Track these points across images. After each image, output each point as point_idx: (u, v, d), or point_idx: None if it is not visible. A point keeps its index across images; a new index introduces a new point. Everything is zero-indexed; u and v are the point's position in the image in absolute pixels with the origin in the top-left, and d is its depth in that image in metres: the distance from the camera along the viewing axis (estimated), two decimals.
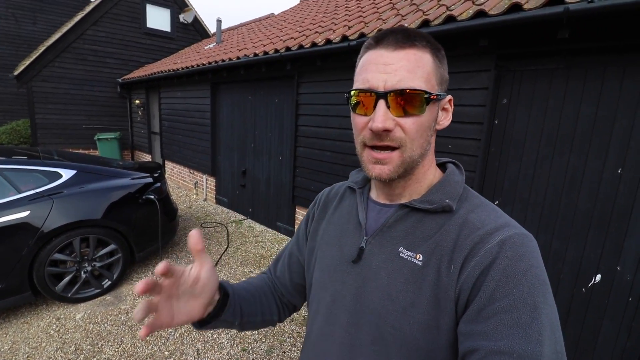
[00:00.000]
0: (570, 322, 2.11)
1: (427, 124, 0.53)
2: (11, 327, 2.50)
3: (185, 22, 9.58)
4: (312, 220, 0.76)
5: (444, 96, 0.56)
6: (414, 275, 0.53)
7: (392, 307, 0.53)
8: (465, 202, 0.57)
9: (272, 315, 0.77)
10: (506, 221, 0.52)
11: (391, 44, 0.51)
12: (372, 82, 0.51)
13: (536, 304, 0.44)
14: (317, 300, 0.67)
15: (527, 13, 1.90)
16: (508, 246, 0.47)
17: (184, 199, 6.10)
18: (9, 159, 2.71)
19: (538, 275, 0.46)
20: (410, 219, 0.57)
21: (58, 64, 7.88)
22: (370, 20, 3.24)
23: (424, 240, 0.54)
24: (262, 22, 7.89)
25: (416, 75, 0.50)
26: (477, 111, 2.38)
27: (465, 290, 0.48)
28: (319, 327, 0.65)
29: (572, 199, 2.07)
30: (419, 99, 0.50)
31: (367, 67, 0.53)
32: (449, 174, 0.61)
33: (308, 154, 3.86)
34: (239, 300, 0.68)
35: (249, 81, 4.78)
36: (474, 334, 0.45)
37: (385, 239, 0.58)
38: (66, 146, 8.03)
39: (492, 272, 0.46)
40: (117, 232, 2.93)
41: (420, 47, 0.52)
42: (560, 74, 2.06)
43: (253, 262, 3.66)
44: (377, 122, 0.50)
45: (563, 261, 2.13)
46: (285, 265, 0.80)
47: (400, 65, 0.50)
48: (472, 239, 0.50)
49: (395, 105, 0.50)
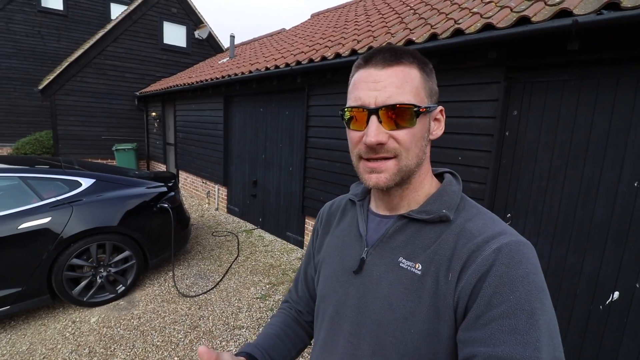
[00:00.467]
0: (587, 341, 2.04)
1: (419, 135, 0.56)
2: (29, 328, 2.57)
3: (200, 38, 9.93)
4: (317, 236, 0.78)
5: (435, 107, 0.58)
6: (413, 284, 0.54)
7: (392, 316, 0.54)
8: (463, 211, 0.58)
9: (303, 341, 0.81)
10: (503, 229, 0.53)
11: (379, 62, 0.54)
12: (363, 99, 0.54)
13: (533, 310, 0.44)
14: (322, 311, 0.68)
15: (535, 26, 1.92)
16: (504, 253, 0.48)
17: (196, 208, 6.21)
18: (33, 167, 2.83)
19: (535, 282, 0.46)
20: (409, 229, 0.58)
21: (80, 78, 8.24)
22: (379, 35, 3.31)
23: (423, 249, 0.55)
24: (274, 37, 8.11)
25: (405, 90, 0.53)
26: (488, 123, 2.39)
27: (463, 298, 0.49)
28: (323, 338, 0.66)
29: (588, 211, 2.03)
30: (409, 113, 0.53)
31: (358, 85, 0.56)
32: (446, 184, 0.62)
33: (318, 165, 3.90)
34: (268, 354, 0.71)
35: (260, 94, 4.90)
36: (472, 340, 0.46)
37: (385, 250, 0.59)
38: (86, 156, 8.32)
39: (489, 279, 0.47)
40: (132, 239, 3.01)
41: (407, 63, 0.54)
42: (572, 85, 2.06)
43: (262, 272, 3.67)
44: (370, 137, 0.53)
45: (579, 276, 2.08)
46: (303, 285, 0.83)
47: (389, 82, 0.53)
48: (469, 247, 0.51)
49: (386, 119, 0.53)
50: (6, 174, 2.64)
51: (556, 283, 2.17)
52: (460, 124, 2.53)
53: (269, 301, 3.10)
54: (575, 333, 2.09)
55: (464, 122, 2.51)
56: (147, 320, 2.71)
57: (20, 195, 2.59)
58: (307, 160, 4.06)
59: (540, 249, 2.23)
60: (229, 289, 3.27)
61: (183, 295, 3.11)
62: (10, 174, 2.64)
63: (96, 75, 8.41)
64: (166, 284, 3.31)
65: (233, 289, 3.28)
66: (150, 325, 2.65)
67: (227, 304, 3.01)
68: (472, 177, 2.49)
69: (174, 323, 2.70)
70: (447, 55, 2.53)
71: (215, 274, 3.57)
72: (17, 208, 2.51)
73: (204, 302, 3.03)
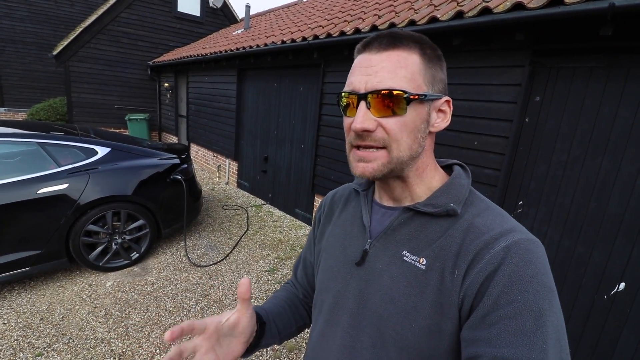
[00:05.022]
0: (588, 328, 2.07)
1: (412, 125, 0.52)
2: (48, 289, 2.71)
3: (215, 7, 9.66)
4: (319, 224, 0.77)
5: (437, 97, 0.55)
6: (416, 279, 0.53)
7: (394, 310, 0.53)
8: (471, 206, 0.56)
9: (303, 320, 0.82)
10: (512, 226, 0.51)
11: (375, 47, 0.53)
12: (355, 84, 0.53)
13: (542, 311, 0.43)
14: (320, 301, 0.67)
15: (569, 7, 1.82)
16: (514, 252, 0.47)
17: (207, 181, 6.29)
18: (50, 134, 2.88)
19: (544, 282, 0.45)
20: (415, 222, 0.57)
21: (93, 45, 8.18)
22: (401, 10, 3.18)
23: (428, 244, 0.54)
24: (291, 8, 7.85)
25: (397, 75, 0.51)
26: (508, 108, 2.32)
27: (469, 295, 0.47)
28: (320, 329, 0.65)
29: (602, 203, 2.00)
30: (399, 99, 0.50)
31: (354, 70, 0.55)
32: (455, 176, 0.59)
33: (330, 143, 3.88)
34: (274, 320, 0.73)
35: (275, 68, 4.81)
36: (477, 340, 0.45)
37: (389, 242, 0.58)
38: (99, 124, 8.39)
39: (497, 277, 0.46)
40: (146, 209, 3.09)
41: (406, 48, 0.52)
42: (600, 73, 1.97)
43: (271, 246, 3.76)
44: (356, 123, 0.51)
45: (586, 266, 2.08)
46: (302, 270, 0.84)
47: (381, 66, 0.51)
48: (477, 244, 0.49)
49: (376, 104, 0.51)
50: (24, 139, 2.70)
51: (562, 272, 2.18)
52: (478, 107, 2.47)
53: (277, 274, 3.19)
54: (576, 322, 2.12)
55: (482, 106, 2.45)
56: (160, 287, 2.84)
57: (39, 160, 2.66)
58: (319, 139, 4.04)
59: (549, 238, 2.23)
60: (238, 261, 3.38)
61: (194, 265, 3.22)
62: (29, 139, 2.70)
63: (109, 43, 8.33)
64: (178, 254, 3.42)
65: (242, 261, 3.38)
66: (163, 292, 2.77)
67: (236, 275, 3.11)
68: (487, 163, 2.46)
69: (186, 290, 2.82)
70: (471, 36, 2.43)
71: (225, 246, 3.67)
72: (35, 173, 2.58)
73: (214, 272, 3.14)
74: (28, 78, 10.13)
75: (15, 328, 2.26)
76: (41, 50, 9.82)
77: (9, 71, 9.88)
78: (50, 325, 2.31)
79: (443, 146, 2.63)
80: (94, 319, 2.41)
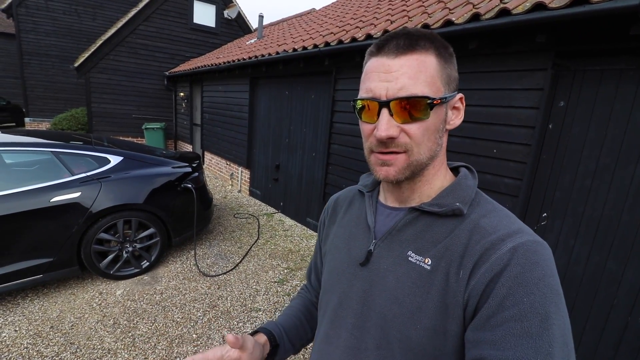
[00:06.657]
0: (620, 353, 1.90)
1: (433, 127, 0.53)
2: (60, 296, 2.72)
3: (229, 18, 9.86)
4: (323, 227, 0.78)
5: (452, 96, 0.54)
6: (422, 279, 0.52)
7: (398, 310, 0.53)
8: (477, 207, 0.55)
9: None
10: (519, 227, 0.50)
11: (392, 50, 0.51)
12: (375, 91, 0.51)
13: (548, 314, 0.42)
14: (325, 302, 0.67)
15: (595, 6, 1.71)
16: (520, 253, 0.46)
17: (219, 189, 6.32)
18: (64, 143, 2.93)
19: (551, 285, 0.44)
20: (420, 222, 0.56)
21: (113, 57, 8.45)
22: (414, 15, 3.11)
23: (434, 244, 0.53)
24: (303, 17, 7.91)
25: (419, 80, 0.50)
26: (529, 114, 2.20)
27: (474, 296, 0.47)
28: (325, 331, 0.65)
29: (635, 215, 1.85)
30: (422, 105, 0.50)
31: (370, 75, 0.53)
32: (461, 177, 0.59)
33: (342, 151, 3.81)
34: (287, 334, 0.75)
35: (286, 76, 4.81)
36: (481, 342, 0.44)
37: (394, 243, 0.58)
38: (118, 134, 8.62)
39: (503, 279, 0.45)
40: (157, 217, 3.09)
41: (423, 50, 0.51)
42: (630, 75, 1.84)
43: (281, 256, 3.69)
44: (380, 131, 0.51)
45: (618, 285, 1.92)
46: (314, 275, 0.85)
47: (402, 72, 0.50)
48: (483, 244, 0.49)
49: (398, 111, 0.50)
50: (40, 149, 2.74)
51: (591, 290, 2.02)
52: (498, 114, 2.35)
53: (286, 286, 3.11)
54: (607, 345, 1.95)
55: (502, 112, 2.33)
56: (168, 296, 2.80)
57: (53, 169, 2.70)
58: (331, 147, 3.98)
59: (576, 253, 2.07)
60: (247, 271, 3.32)
61: (203, 274, 3.18)
62: (43, 149, 2.75)
63: (128, 54, 8.59)
64: (188, 262, 3.40)
65: (252, 272, 3.32)
66: (171, 302, 2.74)
67: (245, 286, 3.05)
68: (507, 172, 2.33)
69: (194, 301, 2.77)
70: (488, 38, 2.33)
71: (235, 256, 3.62)
72: (49, 182, 2.61)
73: (223, 282, 3.09)
74: (52, 89, 10.55)
75: (26, 336, 2.26)
76: (64, 62, 10.22)
77: (34, 83, 10.31)
78: (59, 334, 2.30)
79: (458, 154, 2.51)
80: (102, 328, 2.39)
